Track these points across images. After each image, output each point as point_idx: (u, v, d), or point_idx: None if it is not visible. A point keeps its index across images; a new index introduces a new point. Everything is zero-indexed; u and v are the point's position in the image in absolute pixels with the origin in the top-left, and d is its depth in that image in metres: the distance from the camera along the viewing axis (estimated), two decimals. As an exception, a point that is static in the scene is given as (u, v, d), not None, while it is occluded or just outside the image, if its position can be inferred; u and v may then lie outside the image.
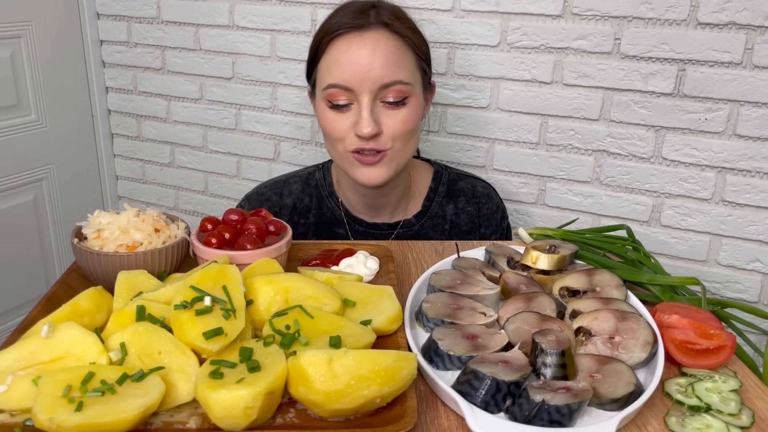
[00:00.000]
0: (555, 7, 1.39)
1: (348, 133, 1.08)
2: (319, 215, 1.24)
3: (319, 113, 1.11)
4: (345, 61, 1.05)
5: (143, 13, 1.86)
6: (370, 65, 1.04)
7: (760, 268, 1.37)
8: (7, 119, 1.78)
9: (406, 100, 1.08)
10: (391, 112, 1.07)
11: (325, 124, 1.10)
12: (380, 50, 1.05)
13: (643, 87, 1.36)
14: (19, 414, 0.63)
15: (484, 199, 1.28)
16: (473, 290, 0.86)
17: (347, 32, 1.06)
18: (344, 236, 1.23)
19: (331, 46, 1.07)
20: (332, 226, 1.24)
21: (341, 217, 1.23)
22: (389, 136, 1.08)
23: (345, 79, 1.05)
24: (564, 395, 0.65)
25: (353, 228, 1.23)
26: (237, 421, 0.60)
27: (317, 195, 1.25)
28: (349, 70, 1.04)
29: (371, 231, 1.23)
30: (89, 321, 0.74)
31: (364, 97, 1.05)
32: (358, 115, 1.06)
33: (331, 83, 1.06)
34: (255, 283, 0.76)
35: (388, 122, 1.07)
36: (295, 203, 1.24)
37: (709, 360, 0.77)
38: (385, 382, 0.62)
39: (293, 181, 1.27)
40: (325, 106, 1.09)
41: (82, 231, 0.90)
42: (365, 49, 1.04)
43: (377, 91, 1.06)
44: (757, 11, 1.23)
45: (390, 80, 1.05)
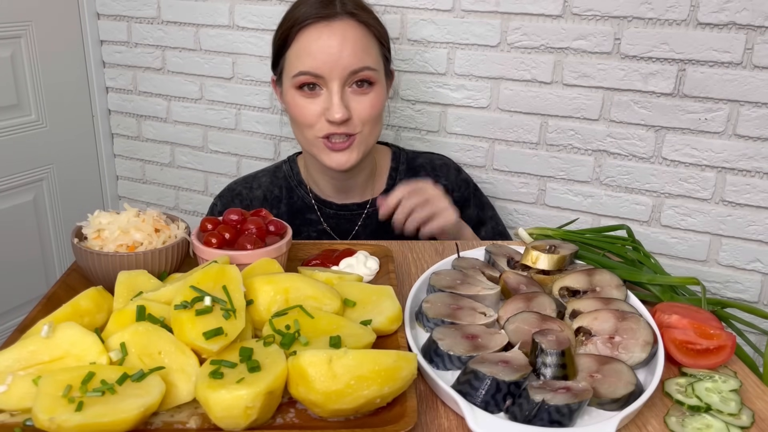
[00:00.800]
0: (555, 7, 1.39)
1: (318, 119, 1.12)
2: (290, 204, 1.28)
3: (288, 100, 1.15)
4: (315, 49, 1.09)
5: (143, 13, 1.86)
6: (339, 53, 1.09)
7: (760, 268, 1.37)
8: (7, 119, 1.78)
9: (373, 86, 1.14)
10: (360, 98, 1.12)
11: (295, 110, 1.14)
12: (349, 39, 1.10)
13: (643, 87, 1.36)
14: (19, 414, 0.63)
15: (443, 170, 1.33)
16: (473, 290, 0.86)
17: (316, 22, 1.10)
18: (316, 221, 1.28)
19: (301, 35, 1.11)
20: (304, 213, 1.28)
21: (311, 203, 1.28)
22: (358, 120, 1.13)
23: (315, 66, 1.09)
24: (564, 395, 0.65)
25: (324, 212, 1.28)
26: (237, 421, 0.60)
27: (286, 185, 1.30)
28: (320, 57, 1.09)
29: (342, 213, 1.28)
30: (89, 321, 0.74)
31: (334, 83, 1.10)
32: (329, 101, 1.10)
33: (302, 70, 1.10)
34: (255, 283, 0.76)
35: (357, 107, 1.12)
36: (266, 195, 1.29)
37: (709, 360, 0.77)
38: (385, 382, 0.62)
39: (261, 175, 1.33)
40: (295, 92, 1.13)
41: (82, 231, 0.90)
42: (335, 37, 1.09)
43: (346, 78, 1.10)
44: (757, 11, 1.23)
45: (358, 66, 1.10)
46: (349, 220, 1.28)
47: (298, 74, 1.11)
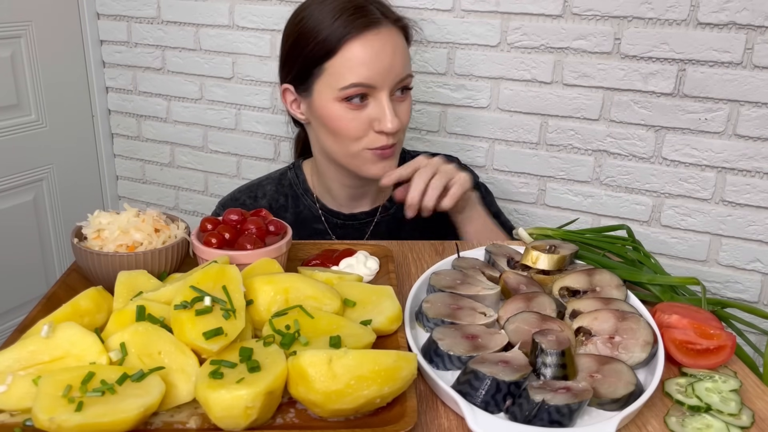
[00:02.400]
0: (555, 7, 1.39)
1: (366, 132, 1.09)
2: (296, 213, 1.24)
3: (331, 113, 1.09)
4: (368, 59, 1.05)
5: (143, 13, 1.86)
6: (391, 62, 1.07)
7: (760, 268, 1.37)
8: (7, 119, 1.78)
9: (409, 92, 1.13)
10: (401, 105, 1.11)
11: (339, 123, 1.09)
12: (397, 47, 1.09)
13: (643, 87, 1.36)
14: (19, 414, 0.63)
15: None
16: (473, 290, 0.86)
17: (365, 31, 1.06)
18: (323, 231, 1.24)
19: (348, 46, 1.05)
20: (310, 223, 1.24)
21: (318, 212, 1.24)
22: (402, 128, 1.12)
23: (369, 76, 1.06)
24: (564, 395, 0.65)
25: (331, 222, 1.24)
26: (237, 421, 0.60)
27: (292, 193, 1.26)
28: (374, 67, 1.05)
29: (350, 222, 1.25)
30: (89, 321, 0.74)
31: (384, 93, 1.07)
32: (380, 113, 1.07)
33: (355, 82, 1.05)
34: (255, 283, 0.76)
35: (399, 112, 1.10)
36: (271, 204, 1.25)
37: (709, 360, 0.77)
38: (385, 382, 0.62)
39: (266, 183, 1.28)
40: (340, 105, 1.08)
41: (82, 231, 0.90)
42: (386, 47, 1.07)
43: (394, 86, 1.08)
44: (757, 11, 1.23)
45: (405, 74, 1.09)
46: (358, 229, 1.25)
47: (349, 86, 1.06)
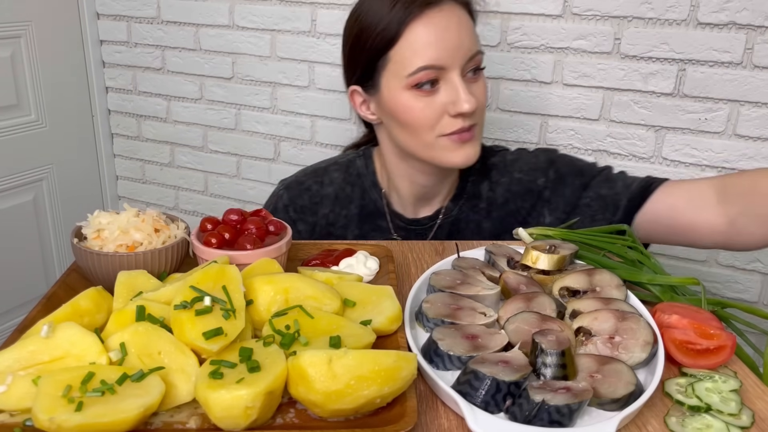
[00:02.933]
0: (555, 7, 1.39)
1: (440, 117, 1.02)
2: (361, 206, 1.18)
3: (401, 103, 1.03)
4: (434, 39, 0.99)
5: (143, 13, 1.86)
6: (458, 39, 1.00)
7: (760, 268, 1.37)
8: (7, 119, 1.78)
9: (482, 71, 1.06)
10: (475, 85, 1.04)
11: (413, 113, 1.02)
12: (462, 23, 1.02)
13: (643, 87, 1.36)
14: (19, 414, 0.63)
15: (515, 164, 1.16)
16: (473, 290, 0.86)
17: (426, 9, 0.99)
18: (386, 230, 1.18)
19: (411, 29, 1.00)
20: (375, 218, 1.18)
21: (383, 209, 1.18)
22: (479, 108, 1.04)
23: (437, 57, 0.99)
24: (564, 395, 0.65)
25: (395, 223, 1.18)
26: (237, 421, 0.60)
27: (359, 184, 1.19)
28: (441, 46, 0.99)
29: (412, 227, 1.18)
30: (89, 321, 0.73)
31: (454, 73, 1.01)
32: (453, 94, 1.01)
33: (422, 65, 0.99)
34: (255, 283, 0.76)
35: (474, 93, 1.03)
36: (337, 193, 1.19)
37: (709, 360, 0.77)
38: (385, 382, 0.62)
39: (333, 169, 1.21)
40: (411, 93, 1.02)
41: (82, 231, 0.90)
42: (451, 24, 1.00)
43: (464, 65, 1.02)
44: (757, 11, 1.23)
45: (474, 51, 1.03)
46: (420, 234, 1.18)
47: (417, 71, 0.99)
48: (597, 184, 1.10)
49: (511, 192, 1.15)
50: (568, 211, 1.11)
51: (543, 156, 1.16)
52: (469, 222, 1.16)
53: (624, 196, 1.07)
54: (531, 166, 1.15)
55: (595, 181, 1.10)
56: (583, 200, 1.10)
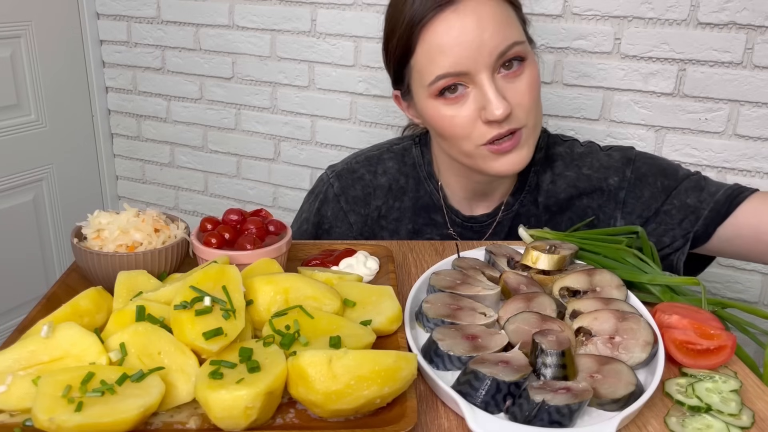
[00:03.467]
0: (555, 7, 1.39)
1: (474, 125, 0.93)
2: (415, 198, 1.11)
3: (431, 113, 0.95)
4: (449, 43, 0.90)
5: (143, 13, 1.86)
6: (480, 38, 0.89)
7: (760, 268, 1.37)
8: (7, 119, 1.78)
9: (525, 62, 0.94)
10: (515, 83, 0.93)
11: (443, 123, 0.95)
12: (485, 17, 0.90)
13: (643, 87, 1.36)
14: (18, 414, 0.63)
15: (586, 159, 1.06)
16: (473, 290, 0.86)
17: (440, 11, 0.90)
18: (442, 225, 1.10)
19: (426, 34, 0.91)
20: (429, 212, 1.10)
21: (440, 203, 1.10)
22: (520, 109, 0.93)
23: (455, 63, 0.90)
24: (564, 395, 0.65)
25: (451, 219, 1.10)
26: (237, 421, 0.60)
27: (414, 175, 1.11)
28: (457, 51, 0.90)
29: (469, 224, 1.10)
30: (89, 321, 0.73)
31: (483, 75, 0.91)
32: (483, 99, 0.91)
33: (440, 74, 0.91)
34: (255, 283, 0.76)
35: (515, 95, 0.92)
36: (391, 184, 1.11)
37: (709, 360, 0.77)
38: (385, 382, 0.62)
39: (387, 158, 1.13)
40: (436, 102, 0.94)
41: (82, 231, 0.90)
42: (468, 21, 0.90)
43: (494, 63, 0.91)
44: (757, 11, 1.23)
45: (505, 46, 0.91)
46: (477, 231, 1.10)
47: (435, 80, 0.92)
48: (684, 190, 0.99)
49: (577, 188, 1.06)
50: (646, 216, 1.01)
51: (618, 154, 1.06)
52: (531, 217, 1.08)
53: (707, 203, 0.97)
54: (603, 163, 1.05)
55: (683, 185, 0.99)
56: (665, 207, 1.00)
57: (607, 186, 1.04)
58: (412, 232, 1.11)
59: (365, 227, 1.14)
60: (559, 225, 1.07)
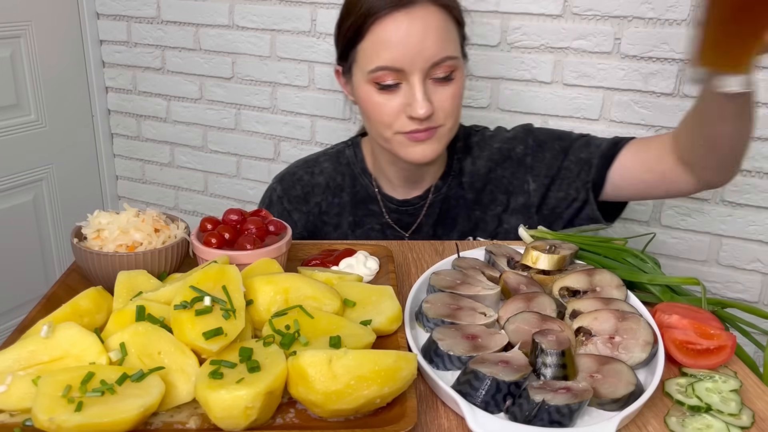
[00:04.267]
0: (555, 7, 1.39)
1: (398, 116, 1.05)
2: (353, 193, 1.22)
3: (363, 96, 1.07)
4: (395, 41, 1.01)
5: (143, 13, 1.86)
6: (421, 44, 1.00)
7: (760, 268, 1.37)
8: (7, 119, 1.78)
9: (454, 74, 1.06)
10: (442, 89, 1.05)
11: (373, 108, 1.06)
12: (431, 28, 1.01)
13: (643, 87, 1.36)
14: (19, 414, 0.63)
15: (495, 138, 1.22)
16: (473, 290, 0.86)
17: (393, 10, 1.01)
18: (380, 214, 1.22)
19: (376, 26, 1.02)
20: (367, 204, 1.22)
21: (374, 194, 1.22)
22: (442, 113, 1.05)
23: (395, 59, 1.01)
24: (564, 395, 0.65)
25: (387, 206, 1.22)
26: (237, 421, 0.60)
27: (349, 173, 1.23)
28: (400, 51, 1.01)
29: (404, 208, 1.21)
30: (89, 321, 0.73)
31: (415, 76, 1.02)
32: (411, 97, 1.03)
33: (380, 65, 1.02)
34: (255, 283, 0.76)
35: (440, 99, 1.04)
36: (328, 182, 1.23)
37: (709, 360, 0.77)
38: (385, 382, 0.62)
39: (323, 160, 1.25)
40: (372, 89, 1.05)
41: (82, 231, 0.90)
42: (415, 27, 1.00)
43: (428, 69, 1.02)
44: (757, 11, 1.23)
45: (440, 57, 1.02)
46: (412, 214, 1.22)
47: (375, 69, 1.02)
48: (577, 148, 1.15)
49: (493, 161, 1.20)
50: (551, 175, 1.15)
51: (520, 128, 1.22)
52: (459, 198, 1.20)
53: (596, 155, 1.12)
54: (509, 136, 1.21)
55: (576, 144, 1.15)
56: (564, 163, 1.15)
57: (515, 154, 1.18)
58: (353, 224, 1.21)
59: (308, 223, 1.24)
60: (482, 200, 1.20)
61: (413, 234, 1.22)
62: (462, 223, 1.20)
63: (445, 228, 1.20)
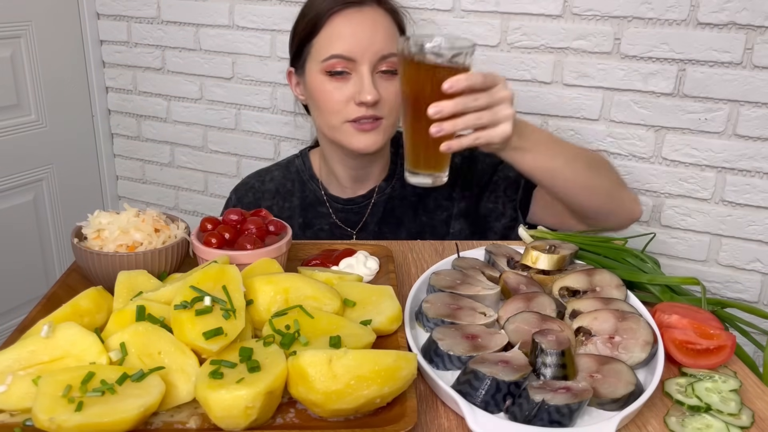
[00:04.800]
0: (555, 7, 1.39)
1: (346, 104, 1.13)
2: (302, 198, 1.32)
3: (315, 86, 1.16)
4: (348, 33, 1.12)
5: (143, 13, 1.86)
6: (371, 37, 1.11)
7: (760, 268, 1.37)
8: (7, 119, 1.78)
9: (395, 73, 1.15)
10: (387, 83, 1.14)
11: (323, 96, 1.15)
12: (379, 24, 1.13)
13: (643, 87, 1.36)
14: (19, 414, 0.63)
15: None
16: (473, 290, 0.86)
17: (346, 8, 1.13)
18: (326, 214, 1.31)
19: (331, 21, 1.13)
20: (315, 206, 1.31)
21: (322, 197, 1.31)
22: (386, 105, 1.14)
23: (347, 49, 1.11)
24: (564, 395, 0.65)
25: (333, 206, 1.31)
26: (237, 421, 0.60)
27: (298, 179, 1.33)
28: (352, 41, 1.11)
29: (349, 207, 1.31)
30: (89, 321, 0.74)
31: (364, 66, 1.11)
32: (359, 85, 1.12)
33: (334, 53, 1.11)
34: (255, 283, 0.76)
35: (385, 92, 1.13)
36: (278, 188, 1.33)
37: (709, 360, 0.77)
38: (385, 382, 0.62)
39: (274, 169, 1.37)
40: (324, 77, 1.14)
41: (82, 231, 0.90)
42: (366, 23, 1.12)
43: (376, 62, 1.12)
44: (757, 11, 1.23)
45: (388, 52, 1.12)
46: (357, 212, 1.30)
47: (329, 57, 1.12)
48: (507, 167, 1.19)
49: None
50: (480, 185, 1.26)
51: None
52: (403, 199, 1.28)
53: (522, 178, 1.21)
54: None
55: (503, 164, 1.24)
56: (493, 178, 1.26)
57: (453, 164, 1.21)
58: (303, 225, 1.30)
59: None
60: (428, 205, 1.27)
61: (360, 232, 1.29)
62: (408, 224, 1.27)
63: (391, 227, 1.27)
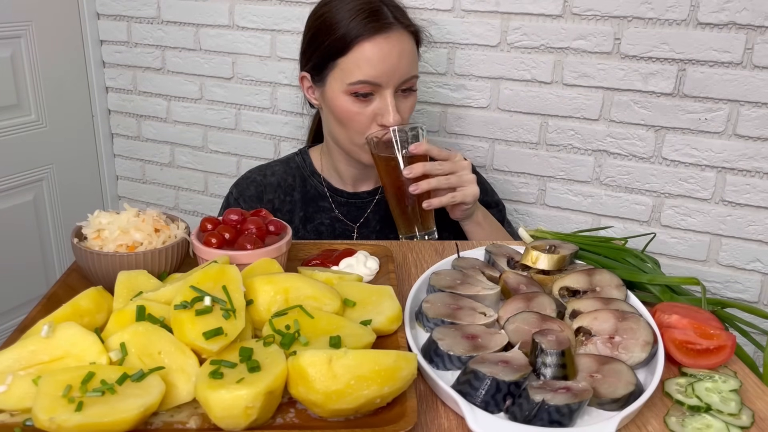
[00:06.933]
0: (555, 7, 1.39)
1: (369, 124, 1.20)
2: (303, 192, 1.35)
3: (340, 104, 1.20)
4: (377, 60, 1.17)
5: (143, 13, 1.86)
6: (398, 65, 1.17)
7: (760, 268, 1.37)
8: (7, 119, 1.78)
9: (414, 87, 1.23)
10: (404, 100, 1.22)
11: (348, 115, 1.20)
12: (405, 51, 1.19)
13: (643, 87, 1.36)
14: (19, 414, 0.63)
15: None
16: (473, 290, 0.86)
17: (375, 34, 1.17)
18: (329, 209, 1.34)
19: (360, 46, 1.17)
20: (317, 201, 1.34)
21: (324, 191, 1.34)
22: (403, 120, 1.21)
23: (375, 75, 1.17)
24: (564, 395, 0.65)
25: (336, 200, 1.34)
26: (237, 421, 0.60)
27: (299, 175, 1.36)
28: (380, 68, 1.16)
29: (353, 201, 1.34)
30: (89, 321, 0.74)
31: (388, 90, 1.18)
32: (383, 108, 1.19)
33: (362, 79, 1.17)
34: (255, 283, 0.76)
35: (402, 108, 1.21)
36: (280, 182, 1.35)
37: (709, 360, 0.77)
38: (385, 382, 0.62)
39: (274, 164, 1.39)
40: (349, 98, 1.19)
41: (82, 231, 0.90)
42: (394, 50, 1.17)
43: (398, 86, 1.19)
44: (757, 11, 1.23)
45: (409, 76, 1.20)
46: (360, 207, 1.34)
47: (357, 82, 1.17)
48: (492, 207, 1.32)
49: None
50: None
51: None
52: None
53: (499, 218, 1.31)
54: None
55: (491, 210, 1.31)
56: None
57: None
58: (304, 219, 1.33)
59: None
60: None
61: (361, 227, 1.33)
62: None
63: (392, 227, 1.27)
